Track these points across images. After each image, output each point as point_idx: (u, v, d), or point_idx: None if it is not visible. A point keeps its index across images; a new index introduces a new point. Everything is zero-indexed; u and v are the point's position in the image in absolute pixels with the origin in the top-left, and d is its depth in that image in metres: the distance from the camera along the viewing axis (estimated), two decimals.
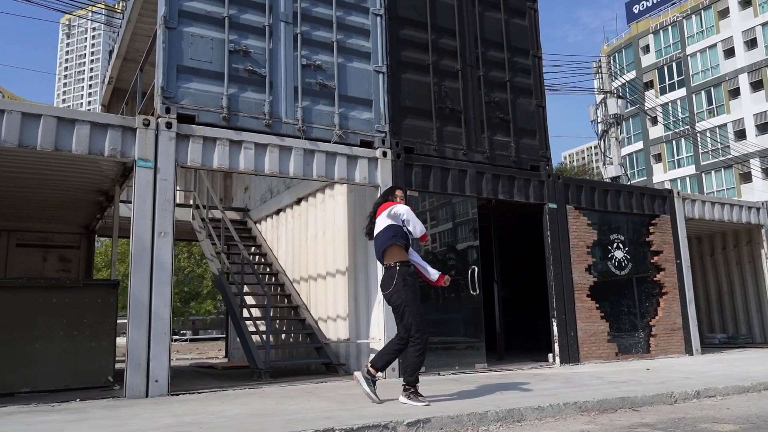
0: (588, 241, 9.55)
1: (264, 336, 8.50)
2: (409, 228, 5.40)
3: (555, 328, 8.98)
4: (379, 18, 8.33)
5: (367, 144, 7.95)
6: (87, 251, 12.42)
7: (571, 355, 8.98)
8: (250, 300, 10.34)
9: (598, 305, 9.38)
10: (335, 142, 7.68)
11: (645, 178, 46.75)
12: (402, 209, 5.39)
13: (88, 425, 4.44)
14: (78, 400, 5.90)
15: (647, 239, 10.41)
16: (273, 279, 10.76)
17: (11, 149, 5.93)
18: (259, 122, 7.25)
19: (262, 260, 11.35)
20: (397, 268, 5.28)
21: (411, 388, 5.22)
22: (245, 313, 9.10)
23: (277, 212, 11.38)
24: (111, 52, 11.78)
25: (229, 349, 13.51)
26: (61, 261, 12.20)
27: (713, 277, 14.58)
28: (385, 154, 7.96)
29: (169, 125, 6.63)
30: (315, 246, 9.77)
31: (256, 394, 6.15)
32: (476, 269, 8.52)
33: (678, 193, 10.89)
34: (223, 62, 7.14)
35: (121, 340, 7.74)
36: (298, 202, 10.48)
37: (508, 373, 8.00)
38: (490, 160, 8.91)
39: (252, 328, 9.03)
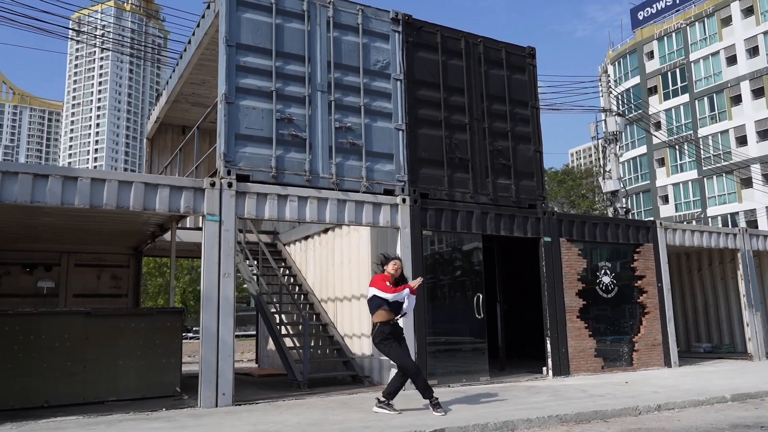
0: (578, 268, 11.01)
1: (299, 351, 10.02)
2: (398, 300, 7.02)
3: (548, 346, 10.45)
4: (398, 82, 9.79)
5: (389, 192, 9.43)
6: (135, 270, 14.00)
7: (562, 369, 10.45)
8: (284, 318, 11.86)
9: (586, 325, 10.84)
10: (363, 192, 9.17)
11: (648, 181, 48.01)
12: (370, 292, 7.06)
13: None
14: (164, 409, 7.43)
15: (632, 265, 11.85)
16: (303, 298, 12.27)
17: (110, 210, 7.46)
18: (300, 178, 8.75)
19: (293, 281, 12.86)
20: (377, 326, 7.05)
21: (385, 400, 6.92)
22: (283, 330, 10.62)
23: (306, 238, 12.88)
24: (159, 95, 13.31)
25: (259, 356, 15.05)
26: (113, 279, 13.79)
27: (700, 290, 16.01)
28: (404, 200, 9.44)
29: (230, 185, 8.14)
30: (341, 271, 11.27)
31: (303, 405, 7.68)
32: (481, 296, 10.01)
33: (660, 223, 12.31)
34: (272, 129, 8.63)
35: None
36: (326, 231, 11.98)
37: (507, 385, 9.49)
38: (493, 201, 10.38)
39: (290, 344, 10.54)
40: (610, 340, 11.30)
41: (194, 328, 55.47)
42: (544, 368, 10.55)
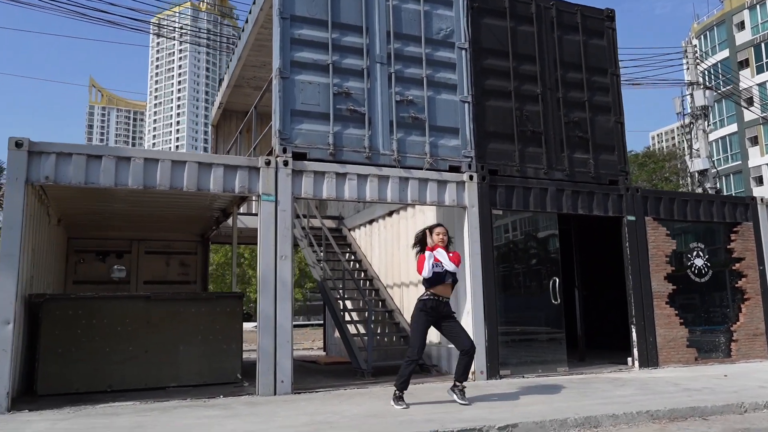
0: (667, 250, 9.99)
1: (363, 338, 9.59)
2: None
3: (634, 334, 9.53)
4: (463, 51, 9.12)
5: (455, 169, 8.80)
6: (203, 256, 14.02)
7: (650, 360, 9.52)
8: (348, 304, 11.49)
9: (677, 312, 9.82)
10: (426, 169, 8.59)
11: (739, 162, 44.72)
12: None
13: (240, 421, 5.63)
14: (221, 396, 7.18)
15: (728, 246, 10.68)
16: (368, 284, 11.85)
17: (164, 192, 7.25)
18: (360, 155, 8.27)
19: (357, 266, 12.47)
20: (418, 300, 6.62)
21: (396, 392, 6.31)
22: (347, 317, 10.23)
23: (370, 222, 12.45)
24: (221, 80, 13.20)
25: (327, 344, 14.80)
26: (181, 266, 13.86)
27: None
28: (471, 177, 8.78)
29: (286, 163, 7.76)
30: (407, 255, 10.72)
31: (365, 395, 7.22)
32: (557, 280, 9.22)
33: (762, 200, 11.03)
34: (329, 104, 8.18)
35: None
36: (390, 214, 11.49)
37: (588, 377, 8.69)
38: (569, 177, 9.54)
39: (352, 330, 10.14)
40: (703, 329, 10.22)
41: None
42: (629, 359, 9.64)
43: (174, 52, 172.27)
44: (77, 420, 5.80)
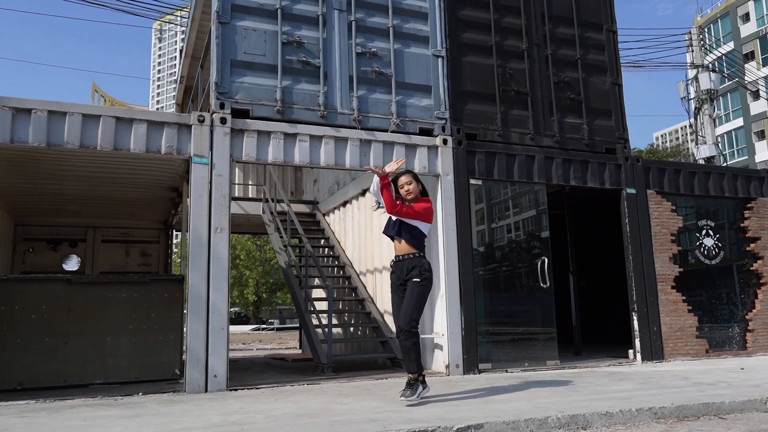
0: (672, 228, 8.80)
1: (328, 329, 8.41)
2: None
3: (635, 323, 8.34)
4: (437, 0, 7.97)
5: (426, 132, 7.65)
6: (165, 245, 12.88)
7: (654, 352, 8.32)
8: (317, 293, 10.34)
9: (684, 297, 8.63)
10: (393, 131, 7.44)
11: (746, 157, 43.39)
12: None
13: (138, 422, 4.47)
14: (141, 394, 6.02)
15: (742, 225, 9.47)
16: (340, 272, 10.69)
17: (73, 150, 6.10)
18: (313, 114, 7.12)
19: (330, 253, 11.31)
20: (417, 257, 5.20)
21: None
22: (310, 307, 9.06)
23: (344, 204, 11.29)
24: (181, 51, 12.07)
25: (303, 341, 13.62)
26: (142, 255, 12.72)
27: None
28: (445, 141, 7.63)
29: (223, 121, 6.62)
30: (380, 238, 9.56)
31: (312, 391, 6.05)
32: (546, 260, 8.04)
33: None
34: (277, 54, 7.05)
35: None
36: (363, 193, 10.32)
37: (582, 370, 7.50)
38: (560, 144, 8.37)
39: (316, 321, 8.98)
40: (715, 318, 9.02)
41: (269, 320, 55.67)
42: (630, 351, 8.45)
43: (177, 56, 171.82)
44: None
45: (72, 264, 12.17)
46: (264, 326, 49.36)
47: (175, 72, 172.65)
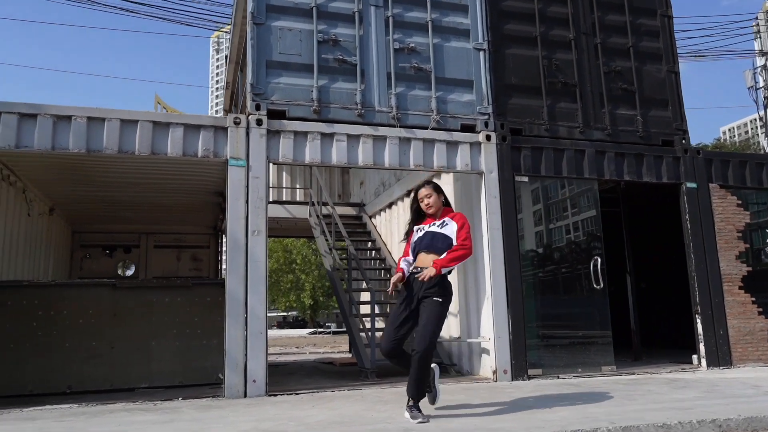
0: (738, 224, 8.19)
1: (371, 333, 8.23)
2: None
3: (699, 326, 7.78)
4: None
5: (468, 128, 7.37)
6: (216, 250, 13.04)
7: (720, 358, 7.74)
8: (365, 296, 10.18)
9: (754, 299, 8.01)
10: (433, 128, 7.19)
11: None
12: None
13: (170, 428, 4.40)
14: (180, 398, 5.99)
15: None
16: (387, 275, 10.50)
17: (112, 155, 6.15)
18: (350, 113, 6.96)
19: (377, 255, 11.14)
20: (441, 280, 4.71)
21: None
22: (354, 310, 8.91)
23: (390, 206, 11.11)
24: (226, 57, 12.18)
25: (351, 345, 13.49)
26: (193, 260, 12.92)
27: None
28: (488, 137, 7.33)
29: (259, 122, 6.54)
30: None
31: (351, 397, 5.87)
32: (599, 260, 7.60)
33: None
34: (312, 54, 6.93)
35: None
36: (408, 194, 10.09)
37: (640, 377, 7.03)
38: (612, 137, 7.92)
39: (363, 325, 8.81)
40: None
41: (326, 324, 56.04)
42: (694, 356, 7.89)
43: None
44: None
45: (126, 268, 12.50)
46: (321, 330, 49.67)
47: None
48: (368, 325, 8.50)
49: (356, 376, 7.85)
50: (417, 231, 4.87)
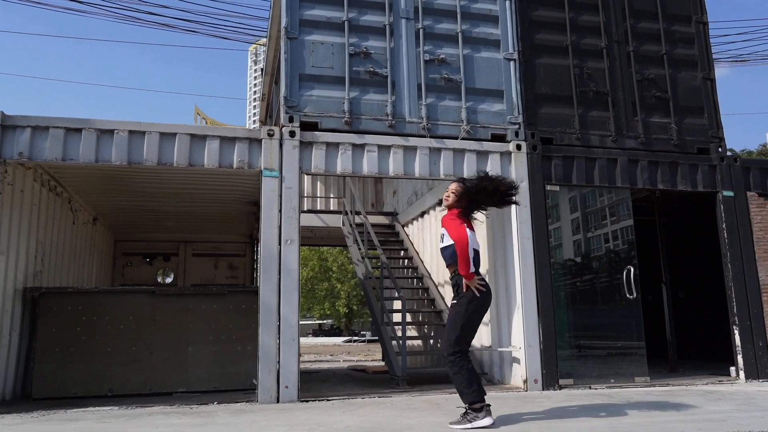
0: None
1: (402, 341, 8.30)
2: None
3: (737, 337, 7.62)
4: (508, 2, 7.74)
5: (498, 138, 7.41)
6: (251, 258, 13.30)
7: (760, 370, 7.56)
8: (397, 305, 10.26)
9: None
10: (463, 138, 7.26)
11: None
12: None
13: (204, 431, 4.55)
14: (216, 403, 6.16)
15: None
16: (419, 283, 10.57)
17: (151, 167, 6.41)
18: (381, 124, 7.09)
19: (409, 264, 11.22)
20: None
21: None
22: (386, 318, 8.99)
23: (422, 215, 11.18)
24: (262, 70, 12.48)
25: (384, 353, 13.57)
26: (229, 268, 13.21)
27: None
28: (519, 146, 7.36)
29: (292, 134, 6.72)
30: None
31: (381, 404, 5.95)
32: (632, 270, 7.52)
33: None
34: (344, 66, 7.08)
35: None
36: (440, 203, 10.15)
37: (675, 388, 6.92)
38: (645, 146, 7.85)
39: (394, 333, 8.89)
40: None
41: (361, 332, 56.19)
42: (732, 369, 7.73)
43: None
44: (29, 426, 4.96)
45: (166, 276, 12.87)
46: (356, 338, 49.80)
47: None
48: (399, 333, 8.59)
49: (387, 384, 7.93)
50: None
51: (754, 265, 7.80)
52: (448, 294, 9.78)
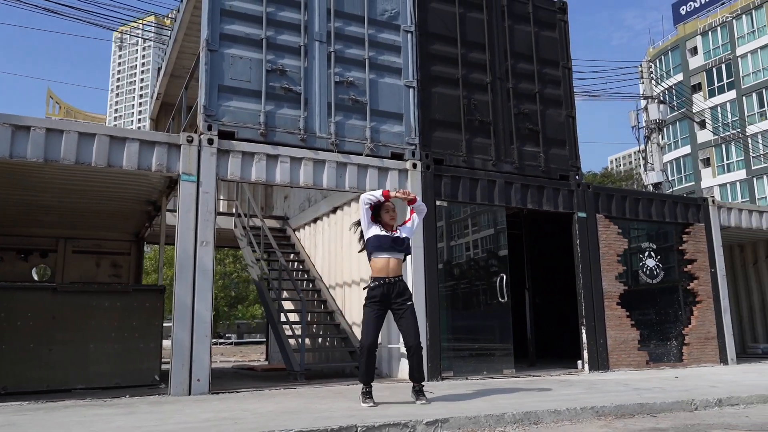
0: (618, 249, 9.64)
1: (299, 339, 8.89)
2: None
3: (584, 336, 9.10)
4: (409, 35, 8.66)
5: (397, 156, 8.29)
6: (137, 257, 13.12)
7: (600, 363, 9.08)
8: (288, 305, 10.79)
9: (628, 313, 9.45)
10: (367, 155, 8.04)
11: (692, 183, 45.63)
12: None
13: (136, 418, 4.90)
14: (127, 396, 6.40)
15: (680, 248, 10.41)
16: (310, 285, 11.18)
17: (69, 166, 6.50)
18: (294, 137, 7.68)
19: (300, 267, 11.79)
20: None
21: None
22: (282, 318, 9.52)
23: (315, 221, 11.80)
24: (159, 69, 12.46)
25: (269, 352, 14.00)
26: (113, 267, 12.93)
27: (756, 286, 14.31)
28: (414, 165, 8.28)
29: (210, 141, 7.11)
30: (350, 253, 10.11)
31: (289, 394, 6.54)
32: (504, 277, 8.74)
33: (713, 201, 10.83)
34: (261, 81, 7.59)
35: (166, 342, 8.26)
36: (334, 211, 10.86)
37: (535, 378, 8.18)
38: (519, 170, 9.12)
39: (289, 332, 9.44)
40: (655, 332, 9.86)
41: (226, 335, 55.05)
42: (579, 362, 9.19)
43: (137, 65, 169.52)
44: None
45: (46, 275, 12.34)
46: (221, 341, 48.84)
47: (134, 82, 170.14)
48: (297, 332, 9.17)
49: (285, 380, 8.48)
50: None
51: (599, 275, 9.34)
52: (339, 296, 10.51)
